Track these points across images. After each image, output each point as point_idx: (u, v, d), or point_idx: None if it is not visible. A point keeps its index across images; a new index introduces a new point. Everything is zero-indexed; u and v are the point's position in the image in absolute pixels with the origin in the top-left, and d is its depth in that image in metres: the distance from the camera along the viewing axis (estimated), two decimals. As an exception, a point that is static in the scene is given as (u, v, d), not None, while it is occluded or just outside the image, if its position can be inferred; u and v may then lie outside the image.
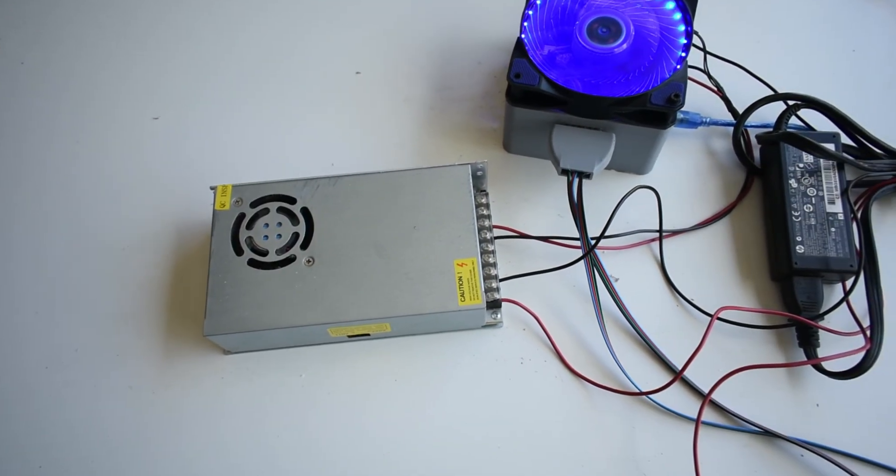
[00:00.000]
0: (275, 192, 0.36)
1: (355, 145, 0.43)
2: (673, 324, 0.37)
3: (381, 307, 0.33)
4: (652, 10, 0.38)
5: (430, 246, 0.35)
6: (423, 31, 0.47)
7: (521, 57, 0.37)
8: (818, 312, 0.35)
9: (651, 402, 0.34)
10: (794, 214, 0.37)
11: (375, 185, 0.36)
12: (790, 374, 0.35)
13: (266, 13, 0.49)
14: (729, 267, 0.38)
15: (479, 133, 0.43)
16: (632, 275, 0.38)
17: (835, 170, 0.38)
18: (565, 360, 0.36)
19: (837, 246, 0.36)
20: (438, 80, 0.45)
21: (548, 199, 0.41)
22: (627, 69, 0.38)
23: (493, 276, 0.36)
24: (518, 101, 0.38)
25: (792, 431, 0.33)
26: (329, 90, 0.45)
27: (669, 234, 0.39)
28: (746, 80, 0.43)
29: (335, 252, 0.35)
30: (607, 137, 0.37)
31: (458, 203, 0.36)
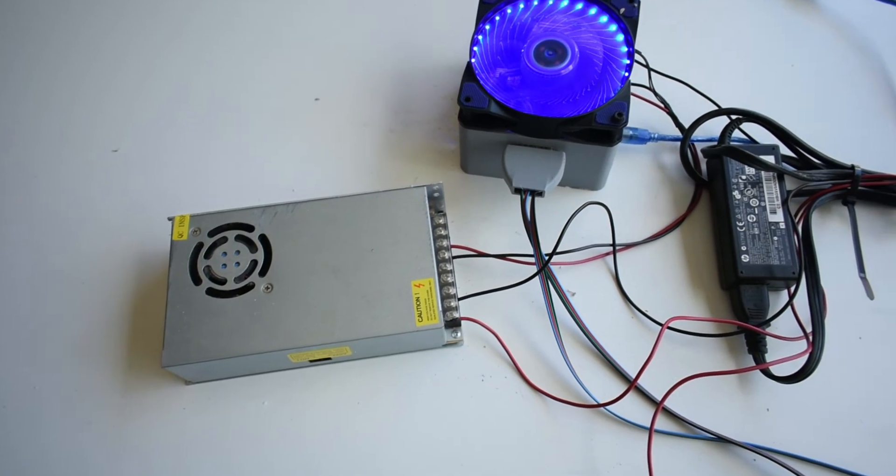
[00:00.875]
0: (233, 221, 0.37)
1: (316, 170, 0.44)
2: (628, 335, 0.38)
3: (340, 331, 0.34)
4: (595, 33, 0.40)
5: (388, 268, 0.35)
6: (380, 56, 0.48)
7: (470, 81, 0.38)
8: (765, 319, 0.36)
9: (608, 413, 0.35)
10: (739, 225, 0.38)
11: (333, 210, 0.37)
12: (740, 380, 0.36)
13: (224, 42, 0.49)
14: (681, 277, 0.39)
15: (438, 154, 0.44)
16: (588, 288, 0.39)
17: (775, 181, 0.39)
18: (525, 375, 0.37)
19: (780, 254, 0.37)
20: (397, 104, 0.46)
21: (506, 216, 0.42)
22: (575, 89, 0.39)
23: (451, 296, 0.37)
24: (470, 123, 0.39)
25: (744, 436, 0.34)
26: (289, 117, 0.46)
27: (623, 248, 0.40)
28: (692, 97, 0.44)
29: (293, 278, 0.35)
30: (558, 156, 0.39)
31: (415, 225, 0.37)
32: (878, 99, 0.44)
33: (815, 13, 0.48)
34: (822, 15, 0.48)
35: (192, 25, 0.50)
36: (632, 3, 0.40)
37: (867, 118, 0.44)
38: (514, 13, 0.41)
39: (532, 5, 0.41)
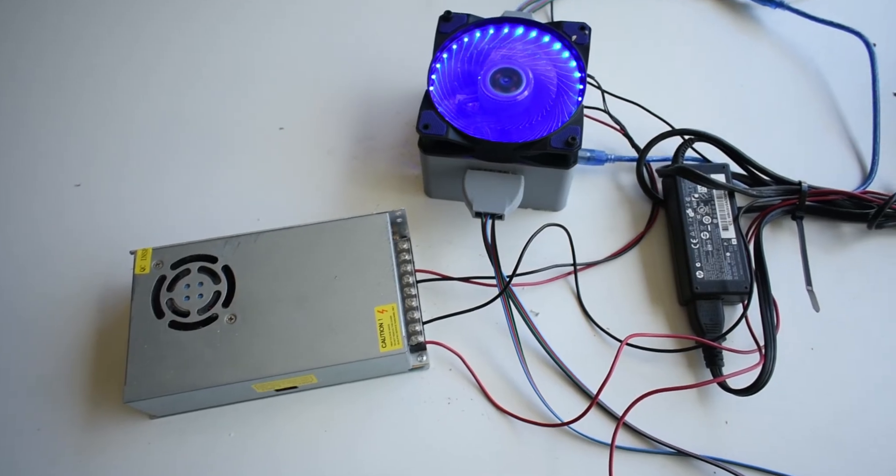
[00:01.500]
0: (196, 253, 0.37)
1: (281, 199, 0.44)
2: (591, 353, 0.38)
3: (304, 359, 0.34)
4: (549, 60, 0.41)
5: (351, 295, 0.36)
6: (343, 85, 0.49)
7: (428, 109, 0.39)
8: (720, 333, 0.37)
9: (572, 431, 0.36)
10: (693, 242, 0.39)
11: (296, 239, 0.37)
12: (699, 394, 0.37)
13: (187, 74, 0.50)
14: (641, 294, 0.40)
15: (402, 180, 0.45)
16: (551, 308, 0.40)
17: (726, 198, 0.41)
18: (490, 397, 0.37)
19: (733, 269, 0.38)
20: (360, 132, 0.47)
21: (470, 239, 0.42)
22: (531, 115, 0.40)
23: (416, 320, 0.38)
24: (429, 150, 0.40)
25: (704, 450, 0.35)
26: (253, 147, 0.46)
27: (584, 267, 0.41)
28: (647, 118, 0.46)
29: (257, 308, 0.35)
30: (516, 180, 0.40)
31: (377, 251, 0.37)
32: (822, 116, 0.46)
33: (761, 35, 0.50)
34: (768, 37, 0.50)
35: (155, 59, 0.51)
36: (583, 31, 0.41)
37: (813, 135, 0.46)
38: (471, 42, 0.42)
39: (488, 34, 0.42)
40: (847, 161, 0.44)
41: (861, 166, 0.44)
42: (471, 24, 0.42)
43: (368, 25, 0.52)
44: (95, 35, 0.52)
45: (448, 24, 0.42)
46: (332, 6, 0.53)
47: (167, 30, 0.52)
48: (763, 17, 0.51)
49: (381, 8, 0.53)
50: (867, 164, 0.44)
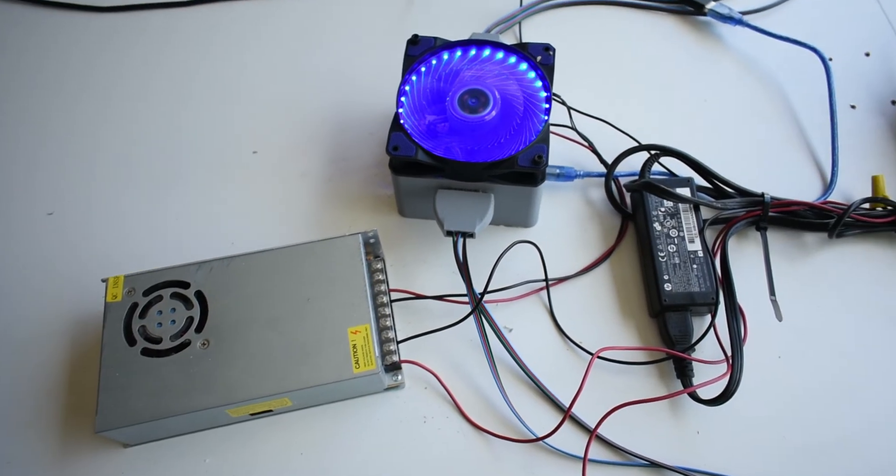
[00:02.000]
0: (168, 279, 0.37)
1: (255, 223, 0.45)
2: (564, 367, 0.39)
3: (277, 383, 0.34)
4: (516, 80, 0.42)
5: (324, 316, 0.36)
6: (316, 107, 0.50)
7: (397, 131, 0.40)
8: (689, 344, 0.38)
9: (547, 446, 0.36)
10: (661, 255, 0.40)
11: (268, 263, 0.38)
12: (671, 405, 0.37)
13: (159, 100, 0.50)
14: (612, 307, 0.41)
15: (376, 200, 0.46)
16: (524, 324, 0.41)
17: (692, 211, 0.42)
18: (466, 414, 0.37)
19: (700, 281, 0.39)
20: (334, 153, 0.48)
21: (444, 257, 0.43)
22: (499, 134, 0.41)
23: (391, 339, 0.38)
24: (400, 170, 0.40)
25: (677, 461, 0.35)
26: (227, 171, 0.47)
27: (556, 282, 0.42)
28: (614, 134, 0.47)
29: (230, 332, 0.35)
30: (486, 198, 0.40)
31: (350, 272, 0.38)
32: (783, 129, 0.48)
33: (723, 52, 0.52)
34: (729, 53, 0.51)
35: (126, 84, 0.51)
36: (547, 52, 0.42)
37: (775, 148, 0.47)
38: (439, 64, 0.43)
39: (456, 56, 0.43)
40: (808, 172, 0.46)
41: (822, 177, 0.45)
42: (438, 46, 0.43)
43: (340, 49, 0.53)
44: (66, 65, 0.52)
45: (416, 47, 0.43)
46: (303, 30, 0.54)
47: (138, 59, 0.52)
48: (724, 33, 0.52)
49: (353, 31, 0.53)
50: (827, 174, 0.45)
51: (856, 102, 0.48)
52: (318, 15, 0.55)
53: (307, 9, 0.55)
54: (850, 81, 0.49)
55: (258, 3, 0.55)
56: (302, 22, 0.54)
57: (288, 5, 0.55)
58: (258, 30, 0.54)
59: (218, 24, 0.54)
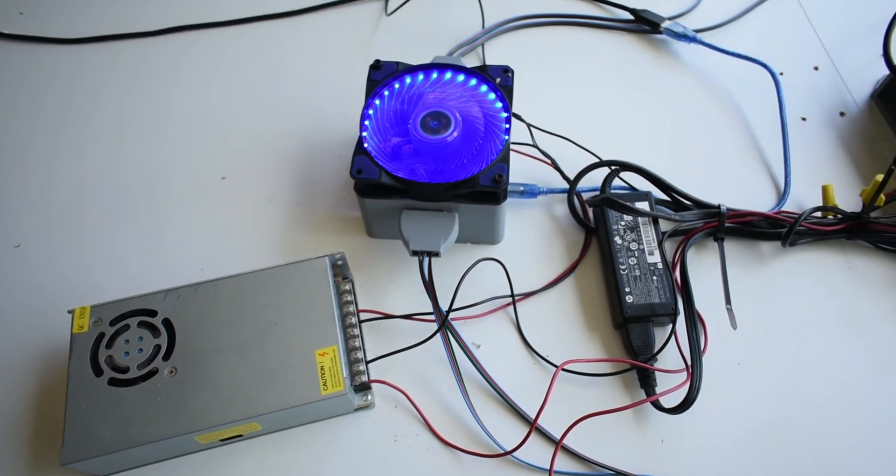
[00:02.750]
0: (135, 308, 0.37)
1: (225, 248, 0.45)
2: (532, 381, 0.39)
3: (245, 408, 0.34)
4: (476, 101, 0.43)
5: (291, 340, 0.36)
6: (283, 132, 0.50)
7: (361, 154, 0.41)
8: (651, 354, 0.39)
9: (516, 459, 0.37)
10: (622, 268, 0.41)
11: (236, 288, 0.38)
12: (635, 415, 0.38)
13: (126, 129, 0.51)
14: (578, 320, 0.42)
15: (345, 222, 0.46)
16: (492, 339, 0.41)
17: (651, 224, 0.43)
18: (436, 431, 0.38)
19: (660, 292, 0.40)
20: (302, 177, 0.48)
21: (412, 277, 0.43)
22: (461, 155, 0.42)
23: (360, 360, 0.38)
24: (365, 193, 0.41)
25: (642, 469, 0.36)
26: (195, 199, 0.47)
27: (523, 297, 0.43)
28: (577, 151, 0.48)
29: (198, 359, 0.36)
30: (451, 217, 0.41)
31: (317, 295, 0.38)
32: (738, 142, 0.49)
33: (679, 68, 0.53)
34: (685, 70, 0.53)
35: (93, 114, 0.51)
36: (506, 74, 0.44)
37: (731, 160, 0.48)
38: (402, 87, 0.44)
39: (418, 79, 0.44)
40: (763, 183, 0.47)
41: (776, 188, 0.47)
42: (400, 70, 0.44)
43: (307, 74, 0.54)
44: (32, 97, 0.52)
45: (378, 71, 0.44)
46: (270, 56, 0.55)
47: (104, 89, 0.53)
48: (680, 51, 0.54)
49: (320, 57, 0.55)
50: (781, 185, 0.47)
51: (806, 115, 0.50)
52: (285, 41, 0.56)
53: (274, 35, 0.56)
54: (800, 95, 0.51)
55: (223, 30, 0.56)
56: (269, 48, 0.55)
57: (254, 32, 0.56)
58: (225, 57, 0.55)
59: (184, 52, 0.55)
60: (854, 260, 0.43)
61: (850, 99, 0.51)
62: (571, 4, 0.57)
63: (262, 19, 0.57)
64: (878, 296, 0.42)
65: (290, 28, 0.57)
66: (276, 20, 0.57)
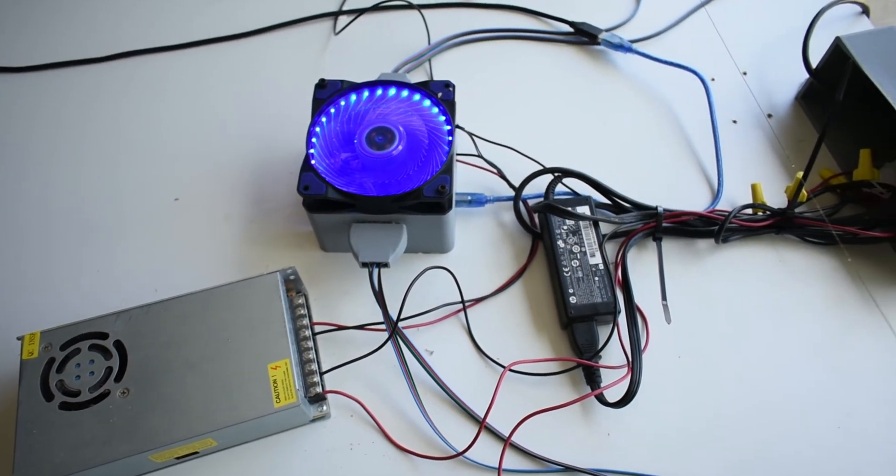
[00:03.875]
0: (85, 331, 0.37)
1: (180, 268, 0.46)
2: (484, 384, 0.41)
3: (198, 424, 0.35)
4: (420, 116, 0.45)
5: (244, 355, 0.37)
6: (236, 151, 0.51)
7: (308, 171, 0.42)
8: (595, 352, 0.40)
9: (469, 460, 0.38)
10: (565, 270, 0.43)
11: (187, 307, 0.39)
12: (582, 411, 0.40)
13: (79, 152, 0.51)
14: (527, 323, 0.43)
15: (298, 238, 0.47)
16: (444, 345, 0.42)
17: (592, 227, 0.45)
18: (391, 437, 0.39)
19: (602, 292, 0.42)
20: (255, 195, 0.49)
21: (365, 288, 0.44)
22: (407, 168, 0.43)
23: (314, 372, 0.39)
24: (314, 208, 0.42)
25: (590, 463, 0.38)
26: (148, 220, 0.48)
27: (473, 303, 0.44)
28: (521, 160, 0.50)
29: (150, 379, 0.36)
30: (399, 229, 0.42)
31: (270, 310, 0.39)
32: (673, 146, 0.52)
33: (617, 77, 0.56)
34: (622, 78, 0.56)
35: (44, 139, 0.52)
36: (448, 88, 0.45)
37: (667, 163, 0.51)
38: (347, 105, 0.45)
39: (363, 97, 0.46)
40: (698, 184, 0.50)
41: (710, 188, 0.49)
42: (345, 88, 0.45)
43: (259, 94, 0.55)
44: (-18, 122, 0.52)
45: (323, 90, 0.45)
46: (221, 77, 0.56)
47: (56, 114, 0.53)
48: (616, 60, 0.57)
49: (271, 76, 0.56)
50: (714, 185, 0.49)
51: (737, 117, 0.53)
52: (236, 62, 0.57)
53: (225, 57, 0.57)
54: (731, 99, 0.54)
55: (174, 54, 0.57)
56: (220, 69, 0.56)
57: (205, 54, 0.57)
58: (176, 80, 0.56)
59: (135, 77, 0.56)
60: (784, 253, 0.45)
61: (776, 101, 0.54)
62: (514, 19, 0.60)
63: (213, 42, 0.58)
64: (806, 286, 0.44)
65: (241, 50, 0.58)
66: (227, 42, 0.58)
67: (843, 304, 0.43)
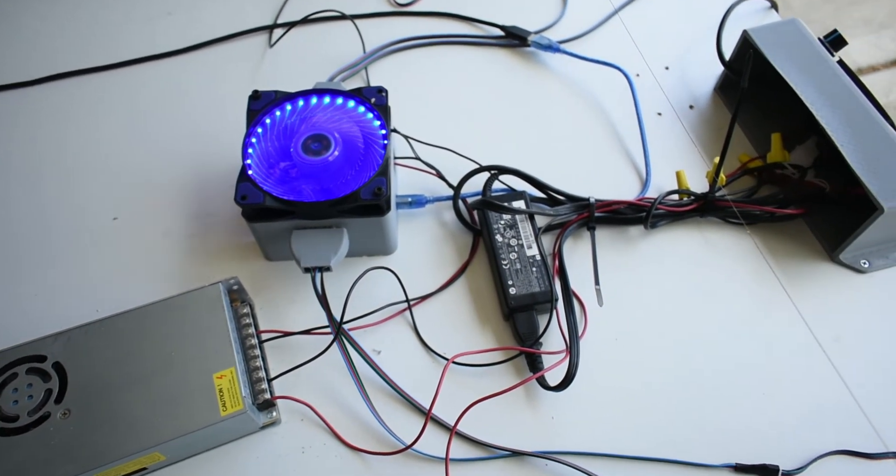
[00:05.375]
0: (22, 355, 0.37)
1: (121, 288, 0.45)
2: (432, 379, 0.41)
3: (144, 439, 0.35)
4: (355, 121, 0.46)
5: (189, 367, 0.37)
6: (175, 168, 0.51)
7: (244, 181, 0.42)
8: (536, 339, 0.42)
9: (418, 453, 0.39)
10: (504, 263, 0.44)
11: (129, 324, 0.39)
12: (527, 397, 0.41)
13: (14, 175, 0.50)
14: (471, 316, 0.45)
15: (241, 249, 0.48)
16: (392, 344, 0.43)
17: (528, 221, 0.46)
18: (342, 437, 0.39)
19: (540, 282, 0.44)
20: (195, 209, 0.49)
21: (311, 294, 0.45)
22: (345, 172, 0.44)
23: (261, 379, 0.39)
24: (253, 218, 0.43)
25: (536, 446, 0.39)
26: (87, 241, 0.47)
27: (419, 301, 0.45)
28: (459, 160, 0.51)
29: (92, 398, 0.36)
30: (339, 233, 0.43)
31: (213, 321, 0.39)
32: (603, 139, 0.54)
33: (548, 76, 0.58)
34: (553, 77, 0.58)
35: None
36: (381, 93, 0.46)
37: (598, 156, 0.53)
38: (283, 115, 0.46)
39: (298, 106, 0.46)
40: (629, 174, 0.52)
41: (639, 177, 0.52)
42: (279, 99, 0.46)
43: (196, 109, 0.55)
44: None
45: (257, 101, 0.46)
46: (157, 94, 0.56)
47: (-14, 135, 0.52)
48: (547, 60, 0.59)
49: (207, 91, 0.56)
50: (643, 174, 0.52)
51: (661, 110, 0.56)
52: (173, 79, 0.57)
53: (161, 74, 0.57)
54: (655, 92, 0.57)
55: (110, 74, 0.57)
56: (157, 87, 0.56)
57: (139, 73, 0.57)
58: (113, 99, 0.55)
59: (71, 98, 0.55)
60: (709, 235, 0.48)
61: (697, 93, 0.57)
62: (446, 25, 0.61)
63: (148, 60, 0.58)
64: (730, 264, 0.47)
65: (177, 66, 0.58)
66: (163, 59, 0.58)
67: (761, 280, 0.46)
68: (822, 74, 0.48)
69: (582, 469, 0.37)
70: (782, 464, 0.38)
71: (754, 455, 0.38)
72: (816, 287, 0.45)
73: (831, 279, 0.46)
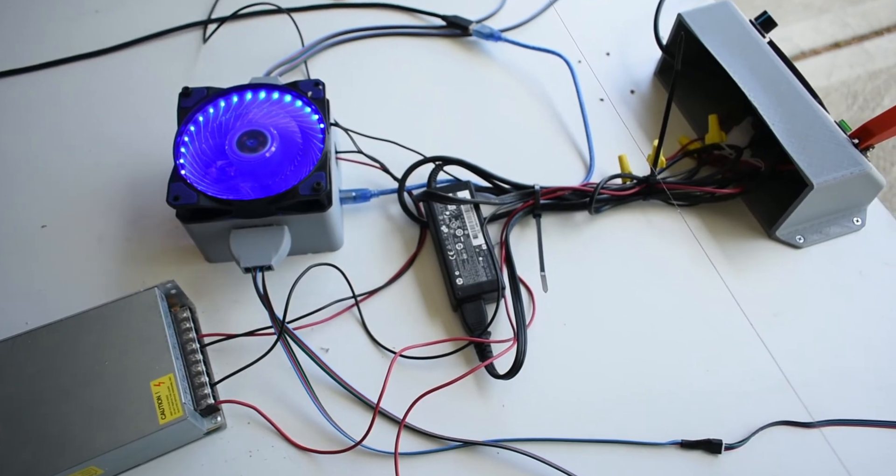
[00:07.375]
0: (-60, 374, 0.35)
1: (53, 298, 0.43)
2: (381, 374, 0.41)
3: (78, 452, 0.33)
4: (292, 116, 0.45)
5: (124, 376, 0.36)
6: (107, 171, 0.49)
7: (177, 181, 0.41)
8: (484, 328, 0.42)
9: (369, 449, 0.38)
10: (450, 254, 0.44)
11: (58, 334, 0.37)
12: (477, 386, 0.41)
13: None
14: (420, 309, 0.44)
15: (181, 252, 0.46)
16: (341, 341, 0.43)
17: (473, 210, 0.46)
18: (290, 438, 0.39)
19: (486, 271, 0.43)
20: (131, 213, 0.47)
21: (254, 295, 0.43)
22: (283, 168, 0.43)
23: (203, 384, 0.38)
24: (188, 219, 0.41)
25: (488, 435, 0.39)
26: (14, 250, 0.45)
27: (367, 296, 0.45)
28: (403, 152, 0.51)
29: (19, 414, 0.34)
30: (280, 230, 0.42)
31: (149, 327, 0.38)
32: (547, 126, 0.54)
33: (490, 65, 0.58)
34: (496, 65, 0.58)
35: None
36: (317, 87, 0.45)
37: (542, 143, 0.53)
38: (216, 112, 0.45)
39: (232, 102, 0.45)
40: (573, 161, 0.52)
41: (584, 163, 0.52)
42: (211, 95, 0.45)
43: (127, 110, 0.53)
44: None
45: (188, 99, 0.44)
46: (86, 96, 0.53)
47: None
48: (489, 49, 0.59)
49: (140, 91, 0.54)
50: (587, 160, 0.52)
51: (603, 95, 0.56)
52: (103, 79, 0.54)
53: (89, 74, 0.55)
54: (596, 78, 0.57)
55: (35, 75, 0.54)
56: (86, 87, 0.54)
57: (65, 73, 0.55)
58: (39, 102, 0.53)
59: (-12, 99, 0.52)
60: (652, 217, 0.49)
61: (638, 78, 0.57)
62: (387, 16, 0.60)
63: (76, 59, 0.55)
64: (673, 246, 0.47)
65: (107, 66, 0.56)
66: (91, 59, 0.56)
67: (702, 260, 0.47)
68: (754, 55, 0.49)
69: (534, 455, 0.38)
70: (725, 437, 0.39)
71: (699, 431, 0.39)
72: (755, 264, 0.46)
73: (769, 255, 0.47)
